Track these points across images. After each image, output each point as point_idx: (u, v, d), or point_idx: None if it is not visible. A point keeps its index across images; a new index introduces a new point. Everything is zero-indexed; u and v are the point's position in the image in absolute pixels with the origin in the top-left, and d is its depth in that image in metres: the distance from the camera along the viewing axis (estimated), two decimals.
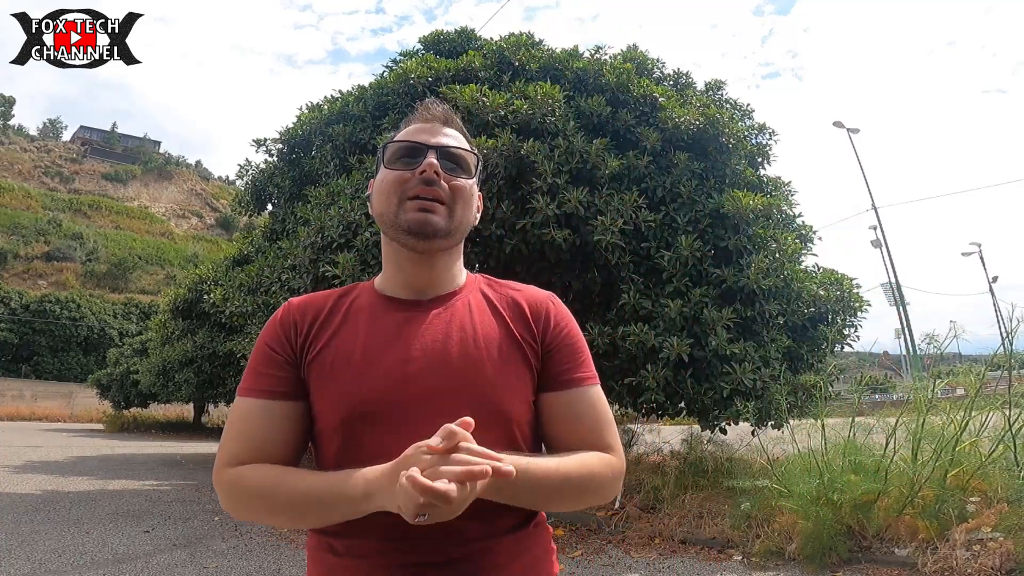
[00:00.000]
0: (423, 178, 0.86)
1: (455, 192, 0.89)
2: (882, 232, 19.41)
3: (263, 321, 6.45)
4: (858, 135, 19.55)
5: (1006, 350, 4.58)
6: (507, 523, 0.85)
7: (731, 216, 5.29)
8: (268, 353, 0.88)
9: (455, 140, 0.93)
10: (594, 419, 0.88)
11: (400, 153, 0.91)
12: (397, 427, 0.80)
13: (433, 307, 0.90)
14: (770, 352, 5.19)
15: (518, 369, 0.87)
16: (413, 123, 0.96)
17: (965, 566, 3.45)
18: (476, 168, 0.94)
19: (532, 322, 0.90)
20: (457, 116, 0.98)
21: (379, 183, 0.92)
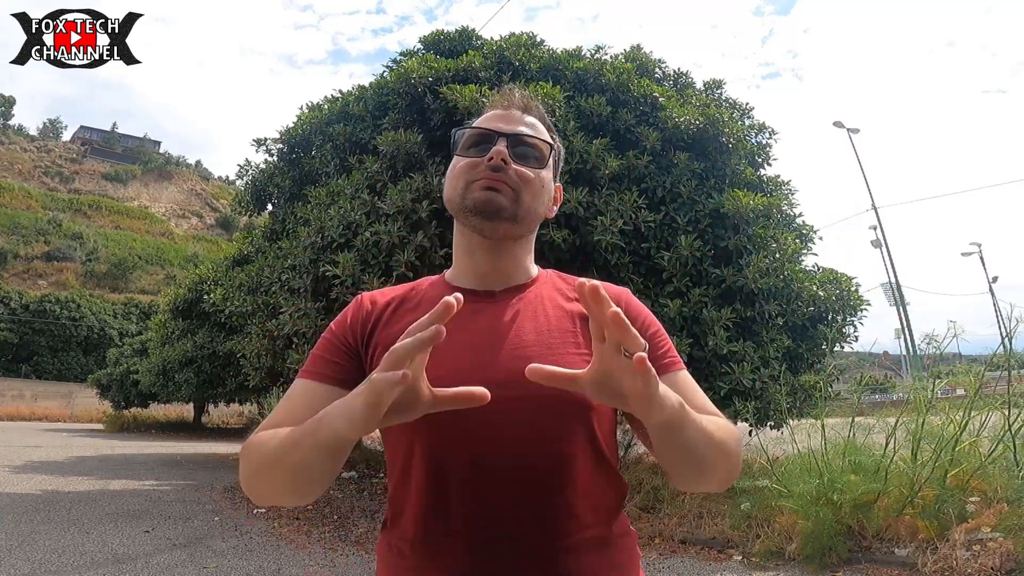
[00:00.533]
0: (491, 164, 0.85)
1: (523, 180, 0.86)
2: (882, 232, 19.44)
3: (263, 321, 6.46)
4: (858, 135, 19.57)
5: (1005, 350, 4.59)
6: (593, 530, 0.79)
7: (731, 216, 5.29)
8: (329, 339, 0.88)
9: (531, 129, 0.91)
10: (698, 396, 0.85)
11: (472, 140, 0.90)
12: (467, 425, 0.75)
13: (506, 297, 0.88)
14: (769, 352, 5.19)
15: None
16: (492, 108, 0.94)
17: (965, 566, 3.45)
18: (550, 158, 0.91)
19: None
20: (538, 103, 0.95)
21: (450, 169, 0.91)
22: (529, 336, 0.82)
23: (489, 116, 0.93)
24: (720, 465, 0.77)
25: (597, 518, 0.79)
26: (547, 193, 0.91)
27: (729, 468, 0.79)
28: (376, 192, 5.61)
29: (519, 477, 0.75)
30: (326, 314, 5.47)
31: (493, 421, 0.72)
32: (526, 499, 0.74)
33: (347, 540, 5.06)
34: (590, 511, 0.78)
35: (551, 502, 0.75)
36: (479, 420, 0.73)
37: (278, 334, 5.86)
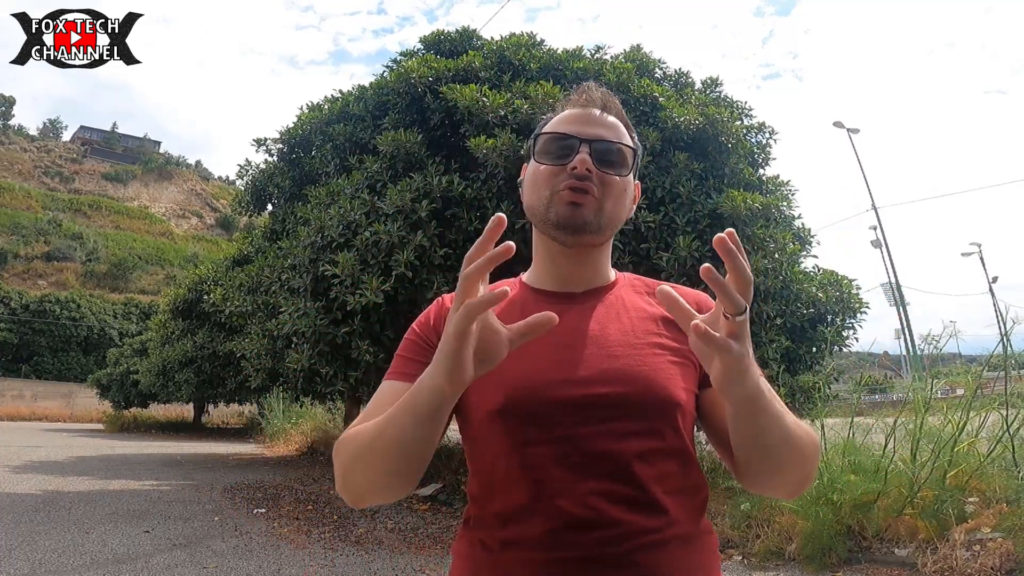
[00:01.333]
0: (574, 174, 0.83)
1: (607, 187, 0.84)
2: (882, 232, 19.45)
3: (263, 321, 6.47)
4: (858, 135, 19.58)
5: (1004, 350, 4.59)
6: (681, 526, 0.78)
7: (728, 216, 5.29)
8: (412, 339, 0.88)
9: (612, 131, 0.88)
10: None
11: (552, 145, 0.87)
12: (552, 424, 0.76)
13: (587, 299, 0.87)
14: (768, 353, 5.19)
15: (680, 358, 0.82)
16: (569, 107, 0.91)
17: (965, 566, 3.46)
18: (633, 161, 0.89)
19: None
20: (616, 99, 0.92)
21: (530, 175, 0.89)
22: (613, 336, 0.82)
23: (567, 117, 0.89)
24: (795, 465, 0.77)
25: (684, 515, 0.79)
26: (629, 197, 0.90)
27: (804, 472, 0.79)
28: (376, 192, 5.62)
29: (607, 471, 0.75)
30: (326, 314, 5.47)
31: (580, 418, 0.73)
32: (614, 494, 0.75)
33: (347, 540, 5.06)
34: (678, 508, 0.78)
35: (640, 498, 0.75)
36: (566, 418, 0.75)
37: (278, 334, 5.86)
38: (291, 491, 7.52)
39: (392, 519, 5.78)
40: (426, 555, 4.58)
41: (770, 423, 0.72)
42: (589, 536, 0.73)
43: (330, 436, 12.16)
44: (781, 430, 0.73)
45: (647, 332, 0.83)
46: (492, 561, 0.78)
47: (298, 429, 13.34)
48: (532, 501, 0.75)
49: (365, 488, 0.77)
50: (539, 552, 0.74)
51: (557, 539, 0.74)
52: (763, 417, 0.71)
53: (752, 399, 0.68)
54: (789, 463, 0.76)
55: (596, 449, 0.75)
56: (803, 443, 0.76)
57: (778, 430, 0.73)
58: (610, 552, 0.73)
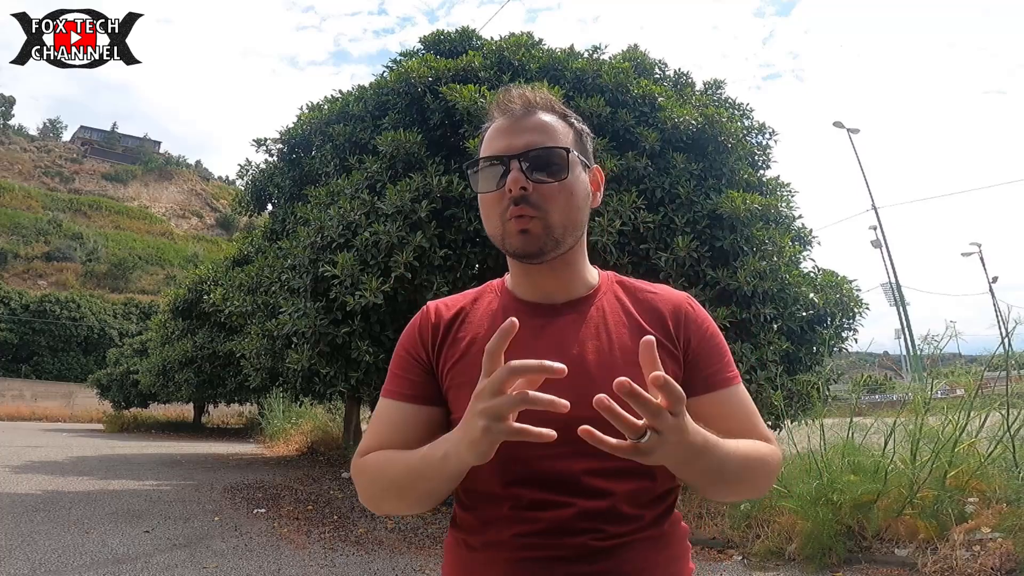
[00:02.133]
0: (512, 197, 0.82)
1: (548, 201, 0.83)
2: (882, 232, 19.45)
3: (263, 321, 6.47)
4: (858, 135, 19.58)
5: (1004, 350, 4.59)
6: (647, 520, 0.83)
7: (727, 217, 5.29)
8: (404, 357, 0.90)
9: (541, 133, 0.85)
10: (749, 414, 0.87)
11: (485, 173, 0.86)
12: (532, 447, 0.76)
13: (568, 312, 0.88)
14: (767, 355, 5.18)
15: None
16: (494, 119, 0.90)
17: (965, 566, 3.46)
18: (570, 156, 0.85)
19: (673, 329, 0.87)
20: (541, 92, 0.90)
21: (480, 206, 0.89)
22: (591, 357, 0.83)
23: (493, 133, 0.89)
24: (758, 484, 0.83)
25: (653, 520, 0.83)
26: (580, 197, 0.87)
27: (760, 489, 0.85)
28: (376, 192, 5.62)
29: (581, 489, 0.79)
30: (326, 314, 5.47)
31: (558, 441, 0.72)
32: (588, 510, 0.79)
33: (347, 540, 5.06)
34: (647, 515, 0.82)
35: (612, 512, 0.80)
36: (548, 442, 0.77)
37: (278, 334, 5.86)
38: (291, 491, 7.52)
39: (392, 519, 5.78)
40: (426, 555, 4.58)
41: (722, 466, 0.75)
42: (562, 540, 0.79)
43: (330, 436, 12.17)
44: (734, 468, 0.77)
45: (624, 348, 0.84)
46: (473, 559, 0.85)
47: (298, 429, 13.35)
48: (510, 511, 0.81)
49: (395, 511, 0.86)
50: (512, 552, 0.81)
51: (534, 543, 0.80)
52: (711, 465, 0.73)
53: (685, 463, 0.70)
54: (760, 483, 0.84)
55: (572, 470, 0.79)
56: (757, 471, 0.81)
57: (731, 470, 0.76)
58: (581, 551, 0.79)
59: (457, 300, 0.93)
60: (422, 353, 0.88)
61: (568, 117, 0.90)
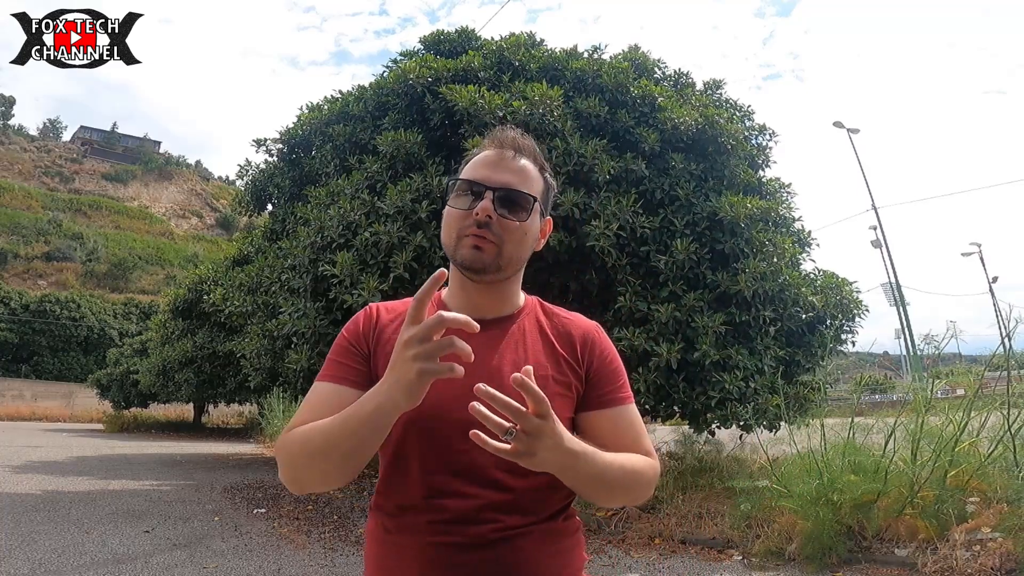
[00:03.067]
0: (476, 220, 0.94)
1: (507, 232, 0.95)
2: (882, 232, 19.43)
3: (263, 321, 6.47)
4: (858, 135, 19.56)
5: (1005, 350, 4.58)
6: (543, 514, 0.94)
7: (727, 220, 5.27)
8: (344, 344, 0.99)
9: (519, 176, 0.98)
10: (636, 431, 0.99)
11: (462, 190, 0.98)
12: (448, 440, 0.89)
13: (493, 328, 0.97)
14: (765, 358, 5.17)
15: (562, 388, 0.97)
16: (485, 148, 1.02)
17: (965, 566, 3.46)
18: (535, 205, 0.99)
19: (579, 350, 1.00)
20: (530, 140, 1.03)
21: (444, 216, 1.00)
22: (507, 367, 0.93)
23: (480, 161, 1.00)
24: (632, 492, 0.94)
25: (550, 514, 0.95)
26: (531, 238, 1.00)
27: (644, 492, 0.96)
28: (376, 192, 5.62)
29: (487, 480, 0.90)
30: (326, 314, 5.47)
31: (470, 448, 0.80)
32: (493, 501, 0.89)
33: (347, 540, 5.06)
34: (545, 509, 0.94)
35: (513, 504, 0.90)
36: (459, 436, 0.84)
37: (278, 334, 5.86)
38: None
39: None
40: None
41: (607, 483, 0.88)
42: (467, 529, 0.88)
43: None
44: (617, 478, 0.89)
45: (537, 363, 0.95)
46: (390, 541, 0.93)
47: None
48: (424, 499, 0.90)
49: (316, 482, 0.89)
50: (426, 537, 0.89)
51: (441, 529, 0.89)
52: (595, 483, 0.87)
53: (566, 468, 0.81)
54: (635, 492, 0.94)
55: (479, 463, 0.88)
56: (635, 481, 0.93)
57: (614, 480, 0.89)
58: (481, 540, 0.88)
59: (397, 306, 1.03)
60: (362, 344, 0.98)
61: (544, 170, 1.03)
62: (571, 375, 0.98)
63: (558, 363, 0.98)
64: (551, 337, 1.01)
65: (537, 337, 1.01)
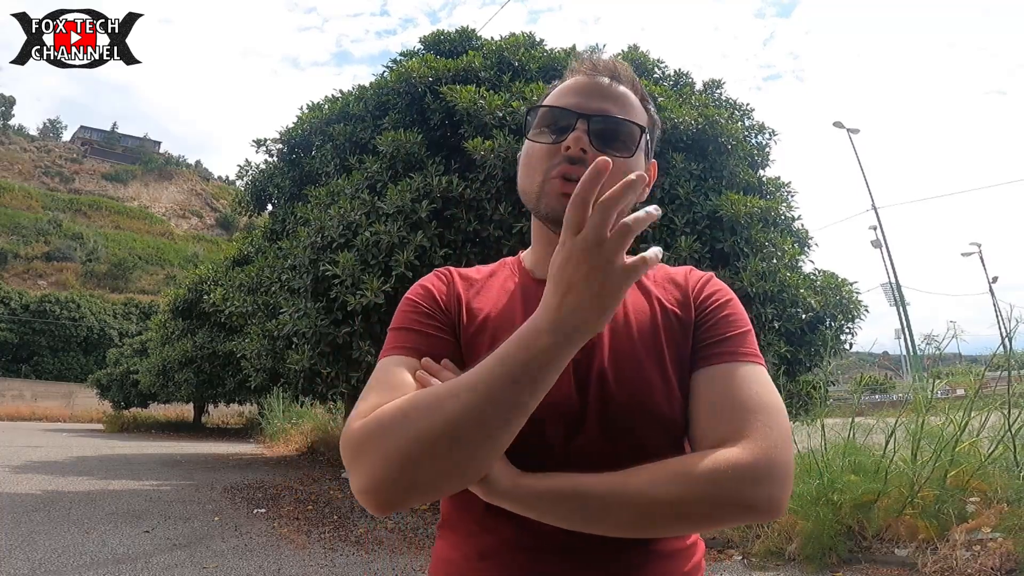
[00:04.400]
0: (567, 155, 0.73)
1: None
2: (882, 232, 19.44)
3: (263, 321, 6.46)
4: (858, 135, 19.57)
5: (1005, 350, 4.58)
6: (662, 542, 0.73)
7: (727, 219, 5.29)
8: (421, 309, 0.77)
9: (618, 105, 0.77)
10: (731, 400, 0.69)
11: (546, 121, 0.78)
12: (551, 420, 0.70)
13: None
14: (767, 355, 5.19)
15: (677, 355, 0.74)
16: (573, 75, 0.81)
17: (965, 566, 3.46)
18: (640, 139, 0.78)
19: (690, 291, 0.79)
20: (628, 68, 0.82)
21: (523, 155, 0.80)
22: (606, 339, 0.74)
23: (569, 87, 0.80)
24: (661, 525, 0.65)
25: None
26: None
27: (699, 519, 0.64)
28: (376, 192, 5.62)
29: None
30: (326, 314, 5.47)
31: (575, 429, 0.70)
32: None
33: (347, 540, 5.06)
34: None
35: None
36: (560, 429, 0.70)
37: (278, 334, 5.86)
38: (291, 491, 7.52)
39: (392, 519, 5.78)
40: (426, 555, 4.58)
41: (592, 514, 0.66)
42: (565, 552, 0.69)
43: (330, 436, 12.15)
44: (608, 508, 0.66)
45: (641, 327, 0.76)
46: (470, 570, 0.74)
47: (298, 429, 13.34)
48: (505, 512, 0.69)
49: (434, 480, 0.61)
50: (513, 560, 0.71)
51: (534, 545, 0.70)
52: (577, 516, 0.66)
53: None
54: (668, 524, 0.68)
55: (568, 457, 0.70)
56: (663, 499, 0.66)
57: (603, 512, 0.66)
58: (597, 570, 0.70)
59: (471, 272, 0.84)
60: (443, 312, 0.77)
61: (648, 103, 0.83)
62: (681, 326, 0.76)
63: (666, 315, 0.77)
64: (652, 288, 0.80)
65: (637, 293, 0.79)
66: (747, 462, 0.63)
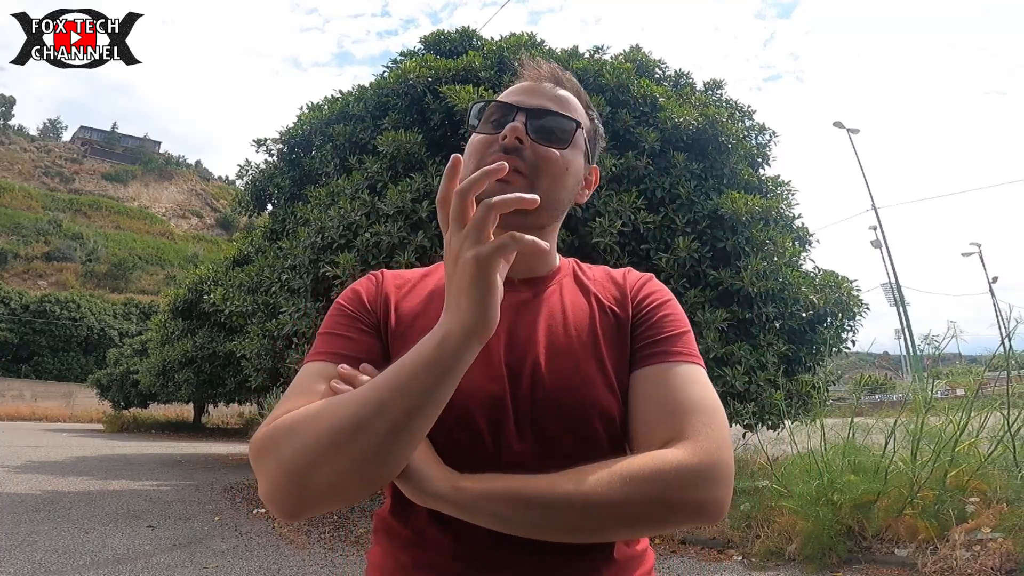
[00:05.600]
0: (504, 145, 0.74)
1: (541, 163, 0.75)
2: (882, 232, 19.44)
3: (263, 321, 6.46)
4: (858, 135, 19.58)
5: (1004, 350, 4.59)
6: (614, 547, 0.72)
7: (728, 218, 5.29)
8: (346, 312, 0.78)
9: (558, 103, 0.80)
10: (671, 401, 0.68)
11: (488, 114, 0.80)
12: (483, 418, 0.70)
13: (522, 292, 0.78)
14: (767, 355, 5.18)
15: (615, 354, 0.74)
16: (518, 81, 0.85)
17: (965, 566, 3.46)
18: (575, 137, 0.79)
19: (628, 291, 0.80)
20: (571, 76, 0.85)
21: (467, 146, 0.81)
22: (542, 338, 0.74)
23: (514, 89, 0.84)
24: (606, 527, 0.63)
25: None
26: (573, 177, 0.79)
27: (645, 522, 0.64)
28: (376, 192, 5.62)
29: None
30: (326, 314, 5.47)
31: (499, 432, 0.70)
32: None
33: (347, 540, 5.06)
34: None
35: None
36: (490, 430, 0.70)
37: (278, 334, 5.86)
38: None
39: None
40: None
41: (536, 518, 0.65)
42: (504, 552, 0.68)
43: None
44: (547, 511, 0.65)
45: (579, 327, 0.76)
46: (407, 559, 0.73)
47: None
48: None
49: (334, 483, 0.60)
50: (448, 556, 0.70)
51: (473, 546, 0.68)
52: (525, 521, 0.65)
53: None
54: (611, 527, 0.67)
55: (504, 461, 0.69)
56: (605, 501, 0.65)
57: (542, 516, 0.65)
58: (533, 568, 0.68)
59: (407, 273, 0.84)
60: (368, 313, 0.77)
61: (590, 109, 0.85)
62: (620, 327, 0.76)
63: (604, 314, 0.77)
64: (591, 287, 0.80)
65: (577, 293, 0.80)
66: (692, 464, 0.63)
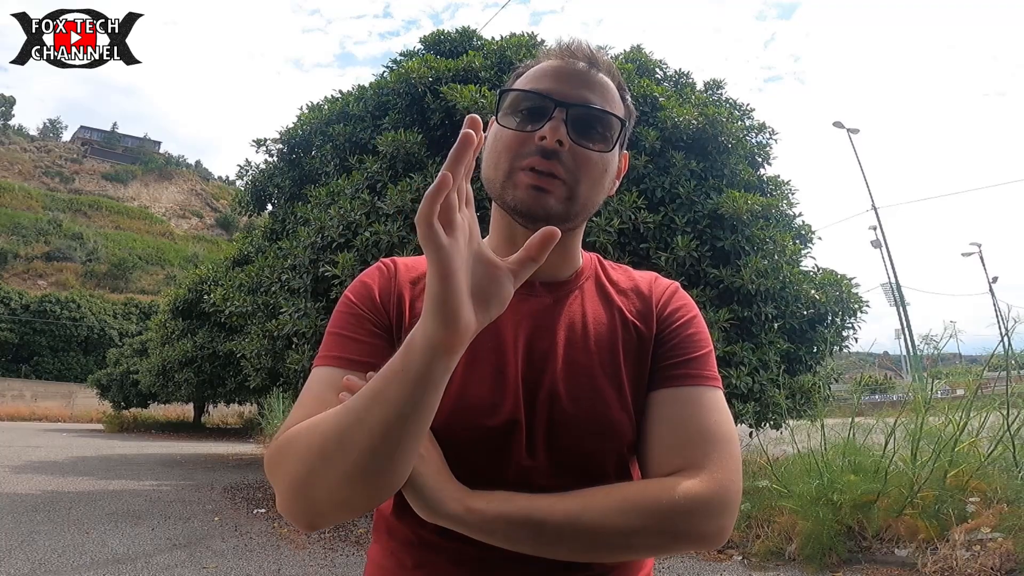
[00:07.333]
0: (542, 147, 0.67)
1: (582, 168, 0.68)
2: (882, 232, 19.44)
3: (263, 321, 6.46)
4: (858, 136, 19.58)
5: (1004, 350, 4.59)
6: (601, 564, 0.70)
7: (728, 217, 5.29)
8: (355, 312, 0.71)
9: (598, 94, 0.71)
10: (692, 428, 0.67)
11: (520, 105, 0.71)
12: (499, 436, 0.67)
13: (544, 296, 0.74)
14: (768, 354, 5.18)
15: (633, 372, 0.71)
16: (548, 59, 0.73)
17: (965, 566, 3.46)
18: (620, 133, 0.72)
19: (654, 305, 0.75)
20: (607, 56, 0.75)
21: (490, 141, 0.73)
22: (560, 350, 0.70)
23: (545, 70, 0.72)
24: (607, 549, 0.62)
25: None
26: (610, 176, 0.73)
27: (649, 544, 0.63)
28: (376, 192, 5.62)
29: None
30: (326, 314, 5.47)
31: (515, 451, 0.67)
32: None
33: (347, 540, 5.06)
34: None
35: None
36: (505, 448, 0.68)
37: (278, 334, 5.86)
38: None
39: None
40: None
41: (549, 540, 0.65)
42: (509, 565, 0.66)
43: None
44: (561, 531, 0.65)
45: (600, 340, 0.72)
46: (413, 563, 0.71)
47: None
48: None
49: (332, 496, 0.58)
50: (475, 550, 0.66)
51: (479, 556, 0.66)
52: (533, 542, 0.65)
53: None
54: (613, 550, 0.67)
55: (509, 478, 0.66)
56: (615, 525, 0.65)
57: (556, 537, 0.65)
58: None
59: (420, 265, 0.75)
60: (379, 313, 0.71)
61: (625, 92, 0.76)
62: (642, 341, 0.72)
63: (627, 330, 0.73)
64: (614, 296, 0.75)
65: (598, 303, 0.75)
66: (705, 496, 0.62)
